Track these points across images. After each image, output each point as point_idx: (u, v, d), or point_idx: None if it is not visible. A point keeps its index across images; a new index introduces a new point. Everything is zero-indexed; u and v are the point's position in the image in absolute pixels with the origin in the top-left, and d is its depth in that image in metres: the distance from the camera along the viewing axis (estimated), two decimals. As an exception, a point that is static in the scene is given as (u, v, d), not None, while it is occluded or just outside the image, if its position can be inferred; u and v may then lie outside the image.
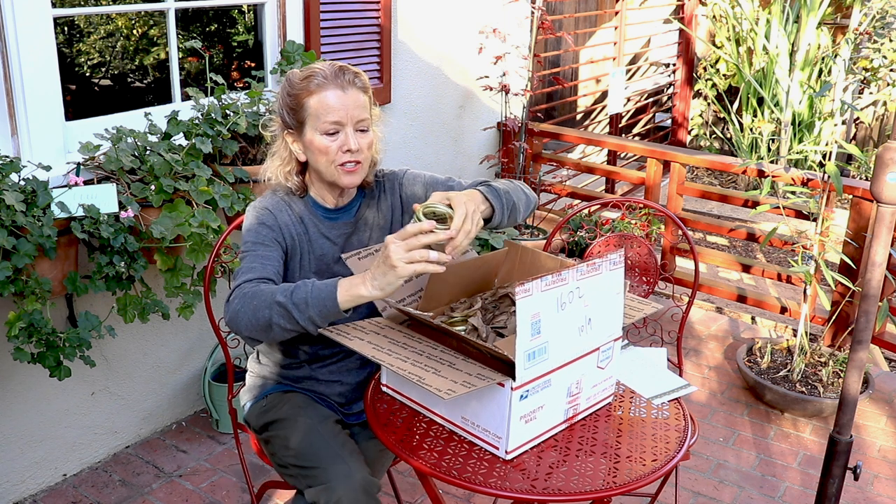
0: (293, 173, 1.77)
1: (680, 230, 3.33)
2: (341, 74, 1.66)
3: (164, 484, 2.61)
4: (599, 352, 1.53)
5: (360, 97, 1.68)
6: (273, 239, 1.71)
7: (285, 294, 1.50)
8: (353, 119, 1.66)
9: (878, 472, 2.77)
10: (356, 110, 1.66)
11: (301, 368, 1.86)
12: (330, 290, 1.48)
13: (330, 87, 1.65)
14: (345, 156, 1.67)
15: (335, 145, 1.66)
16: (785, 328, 3.79)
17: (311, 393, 1.85)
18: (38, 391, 2.49)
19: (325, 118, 1.65)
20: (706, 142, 6.76)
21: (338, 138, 1.67)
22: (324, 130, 1.66)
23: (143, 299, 2.37)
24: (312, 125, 1.67)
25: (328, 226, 1.79)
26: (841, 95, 3.31)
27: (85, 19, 3.68)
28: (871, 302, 1.95)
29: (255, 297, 1.53)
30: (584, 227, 3.89)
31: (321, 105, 1.65)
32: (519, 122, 3.97)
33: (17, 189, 2.06)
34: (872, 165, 1.93)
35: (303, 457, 1.68)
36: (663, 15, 6.21)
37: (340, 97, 1.65)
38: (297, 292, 1.50)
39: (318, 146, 1.67)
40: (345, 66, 1.69)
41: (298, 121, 1.69)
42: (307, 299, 1.48)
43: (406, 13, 3.56)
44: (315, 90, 1.65)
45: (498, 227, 1.73)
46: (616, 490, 1.38)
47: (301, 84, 1.67)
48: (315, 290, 1.49)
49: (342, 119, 1.65)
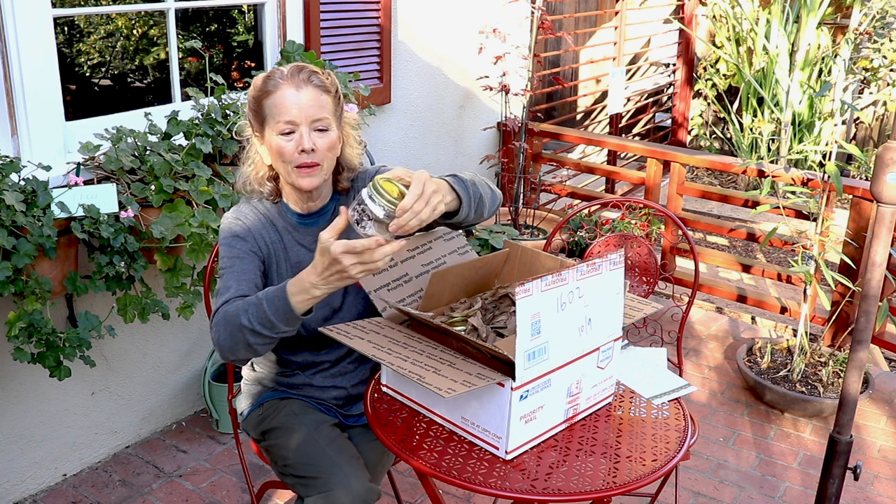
0: (266, 178, 1.73)
1: (680, 230, 3.33)
2: (297, 73, 1.62)
3: (164, 484, 2.61)
4: (599, 352, 1.53)
5: (320, 96, 1.62)
6: (247, 250, 1.68)
7: (247, 315, 1.49)
8: (308, 118, 1.61)
9: (878, 472, 2.77)
10: (311, 109, 1.61)
11: (296, 376, 1.84)
12: (282, 300, 1.47)
13: (284, 87, 1.60)
14: (300, 156, 1.62)
15: (291, 146, 1.61)
16: (785, 328, 3.79)
17: (308, 399, 1.84)
18: (38, 391, 2.49)
19: (280, 118, 1.60)
20: (706, 142, 6.76)
21: (293, 138, 1.61)
22: (279, 131, 1.61)
23: (143, 299, 2.37)
24: (270, 126, 1.63)
25: (302, 232, 1.76)
26: (841, 95, 3.31)
27: (85, 19, 3.68)
28: (871, 302, 1.95)
29: (227, 322, 1.53)
30: (584, 227, 3.89)
31: (276, 105, 1.61)
32: (519, 122, 3.97)
33: (17, 189, 2.06)
34: (872, 165, 1.93)
35: (301, 466, 1.67)
36: (663, 15, 6.21)
37: (294, 96, 1.60)
38: (256, 311, 1.49)
39: (275, 147, 1.63)
40: (304, 65, 1.65)
41: (259, 123, 1.65)
42: (267, 315, 1.48)
43: (406, 13, 3.56)
44: (272, 90, 1.61)
45: (464, 223, 1.66)
46: (616, 490, 1.38)
47: (260, 85, 1.63)
48: (270, 303, 1.48)
49: (296, 118, 1.60)
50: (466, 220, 1.64)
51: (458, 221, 1.63)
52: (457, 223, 1.65)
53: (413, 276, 1.75)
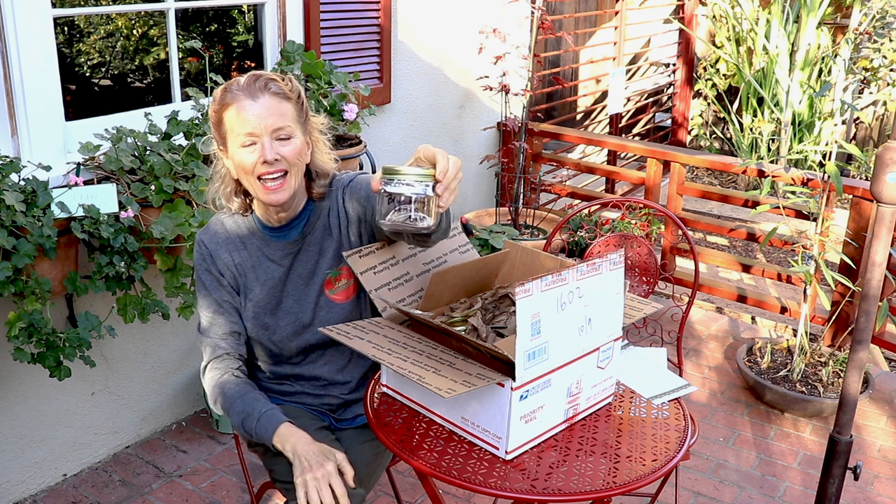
0: (233, 193, 1.70)
1: (680, 230, 3.33)
2: (252, 82, 1.56)
3: (164, 484, 2.61)
4: (599, 352, 1.53)
5: (279, 104, 1.57)
6: (216, 283, 1.73)
7: (239, 416, 1.64)
8: (268, 128, 1.55)
9: (878, 472, 2.77)
10: (270, 118, 1.55)
11: (284, 384, 1.83)
12: (268, 435, 1.59)
13: (241, 98, 1.55)
14: (262, 167, 1.57)
15: (253, 157, 1.56)
16: (785, 328, 3.79)
17: (301, 405, 1.83)
18: (38, 391, 2.49)
19: (240, 130, 1.56)
20: (706, 142, 6.76)
21: (255, 150, 1.56)
22: (241, 143, 1.57)
23: (143, 299, 2.37)
24: (232, 140, 1.58)
25: (273, 246, 1.72)
26: (841, 95, 3.31)
27: (85, 19, 3.68)
28: (871, 302, 1.95)
29: (222, 398, 1.68)
30: (584, 227, 3.89)
31: (235, 118, 1.56)
32: (519, 122, 3.97)
33: (17, 189, 2.06)
34: (872, 165, 1.93)
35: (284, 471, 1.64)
36: (663, 15, 6.21)
37: (251, 107, 1.54)
38: (246, 422, 1.63)
39: (238, 161, 1.59)
40: (259, 73, 1.60)
41: (222, 137, 1.61)
42: (250, 430, 1.62)
43: (406, 13, 3.56)
44: (230, 102, 1.56)
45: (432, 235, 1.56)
46: (616, 490, 1.38)
47: (219, 98, 1.59)
48: (259, 428, 1.61)
49: (255, 129, 1.55)
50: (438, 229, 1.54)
51: None
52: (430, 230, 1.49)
53: (414, 276, 1.75)
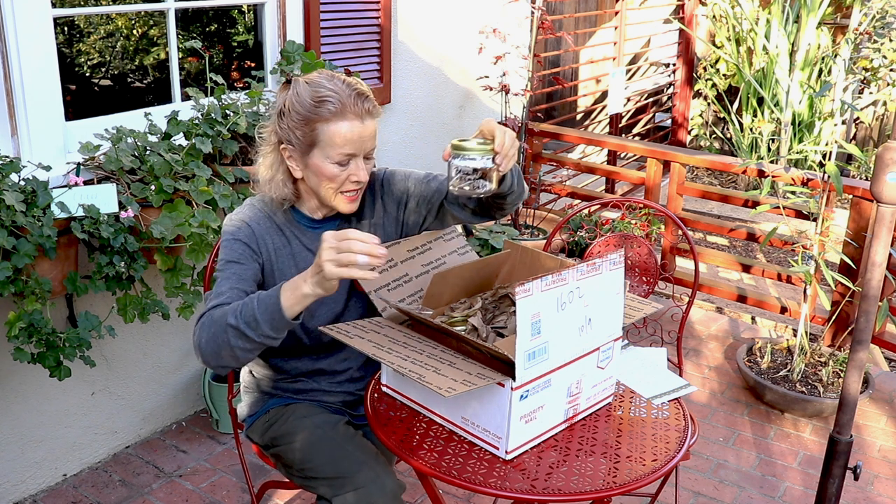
0: (288, 182, 1.70)
1: (680, 230, 3.33)
2: (360, 103, 1.58)
3: (164, 484, 2.61)
4: (599, 352, 1.53)
5: (374, 127, 1.62)
6: (248, 256, 1.64)
7: (235, 314, 1.44)
8: (364, 150, 1.62)
9: (878, 472, 2.77)
10: (370, 142, 1.61)
11: (299, 381, 1.82)
12: (274, 300, 1.42)
13: (348, 117, 1.57)
14: (352, 185, 1.64)
15: (344, 174, 1.62)
16: (785, 328, 3.79)
17: (316, 402, 1.81)
18: (38, 391, 2.49)
19: (340, 150, 1.58)
20: (706, 142, 6.76)
21: (347, 168, 1.61)
22: (335, 160, 1.59)
23: (143, 299, 2.37)
24: (323, 152, 1.59)
25: (311, 237, 1.73)
26: (841, 95, 3.31)
27: (85, 19, 3.68)
28: (871, 302, 1.95)
29: (212, 324, 1.47)
30: (584, 227, 3.89)
31: (337, 135, 1.57)
32: (519, 122, 3.97)
33: (17, 189, 2.06)
34: (872, 165, 1.93)
35: (322, 467, 1.63)
36: (663, 15, 6.21)
37: (358, 129, 1.58)
38: (246, 309, 1.44)
39: (327, 173, 1.61)
40: (361, 90, 1.60)
41: (307, 143, 1.61)
42: (255, 314, 1.43)
43: (406, 13, 3.56)
44: (331, 118, 1.57)
45: (507, 197, 1.64)
46: (616, 490, 1.38)
47: (315, 108, 1.57)
48: (261, 303, 1.43)
49: (356, 151, 1.60)
50: (511, 194, 1.65)
51: (502, 191, 1.62)
52: (501, 193, 1.63)
53: (413, 277, 1.76)
